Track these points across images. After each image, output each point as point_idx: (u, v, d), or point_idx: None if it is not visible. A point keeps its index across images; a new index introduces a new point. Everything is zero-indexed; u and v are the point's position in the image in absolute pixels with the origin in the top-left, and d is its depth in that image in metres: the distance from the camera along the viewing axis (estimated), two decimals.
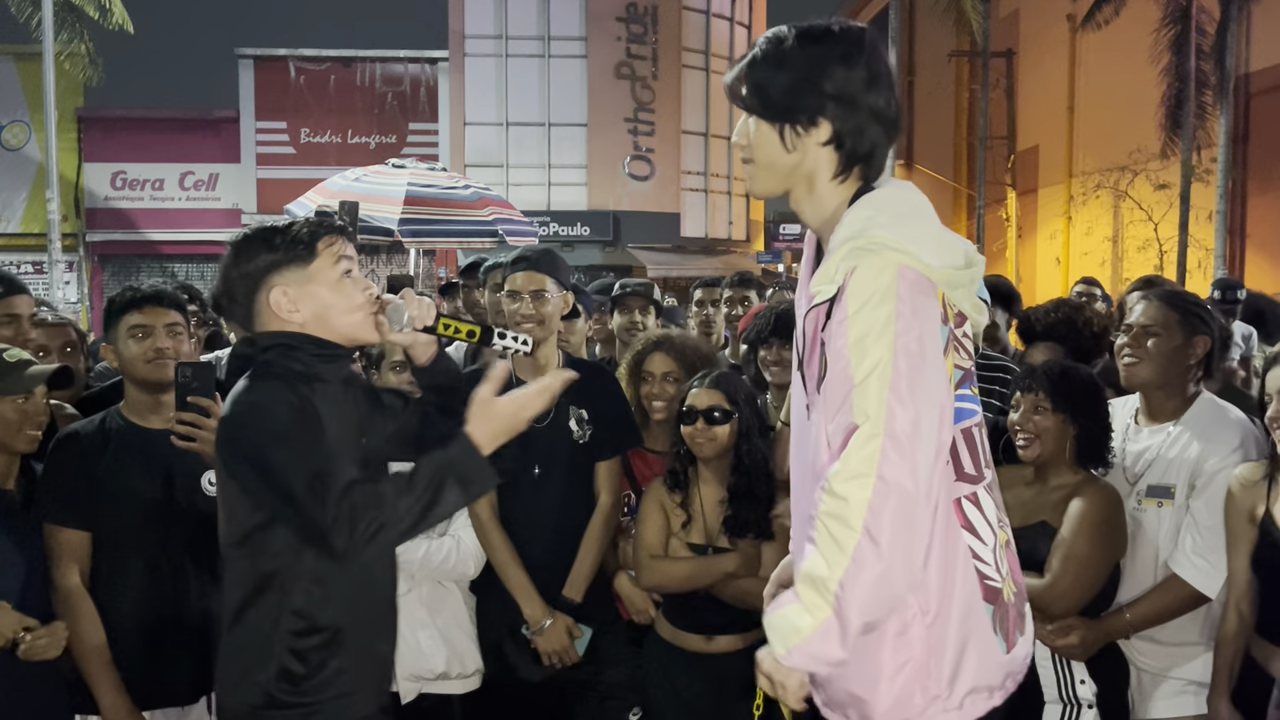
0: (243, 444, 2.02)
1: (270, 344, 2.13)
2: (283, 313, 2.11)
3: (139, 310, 2.79)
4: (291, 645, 2.08)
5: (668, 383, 3.43)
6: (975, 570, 1.85)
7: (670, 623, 3.16)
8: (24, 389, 2.62)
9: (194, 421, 2.54)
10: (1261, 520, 2.60)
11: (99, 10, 19.21)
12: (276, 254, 2.11)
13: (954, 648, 1.84)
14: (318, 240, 2.13)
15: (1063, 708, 2.80)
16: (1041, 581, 2.72)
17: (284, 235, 2.13)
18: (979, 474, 1.90)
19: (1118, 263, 21.64)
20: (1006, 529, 1.97)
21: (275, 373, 2.09)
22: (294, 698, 2.08)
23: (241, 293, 2.14)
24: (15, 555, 2.62)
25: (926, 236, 1.84)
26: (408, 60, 23.89)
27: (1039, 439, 2.83)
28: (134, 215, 23.21)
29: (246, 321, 2.17)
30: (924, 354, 1.76)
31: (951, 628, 1.84)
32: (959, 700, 1.84)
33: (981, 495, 1.89)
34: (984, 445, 1.95)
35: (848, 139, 1.87)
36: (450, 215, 7.87)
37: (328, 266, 2.13)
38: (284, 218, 2.39)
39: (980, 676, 1.85)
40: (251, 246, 2.14)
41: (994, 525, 1.90)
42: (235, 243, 2.17)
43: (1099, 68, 21.39)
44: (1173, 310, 2.90)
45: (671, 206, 24.27)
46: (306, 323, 2.12)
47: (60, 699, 2.67)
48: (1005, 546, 1.93)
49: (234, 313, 2.19)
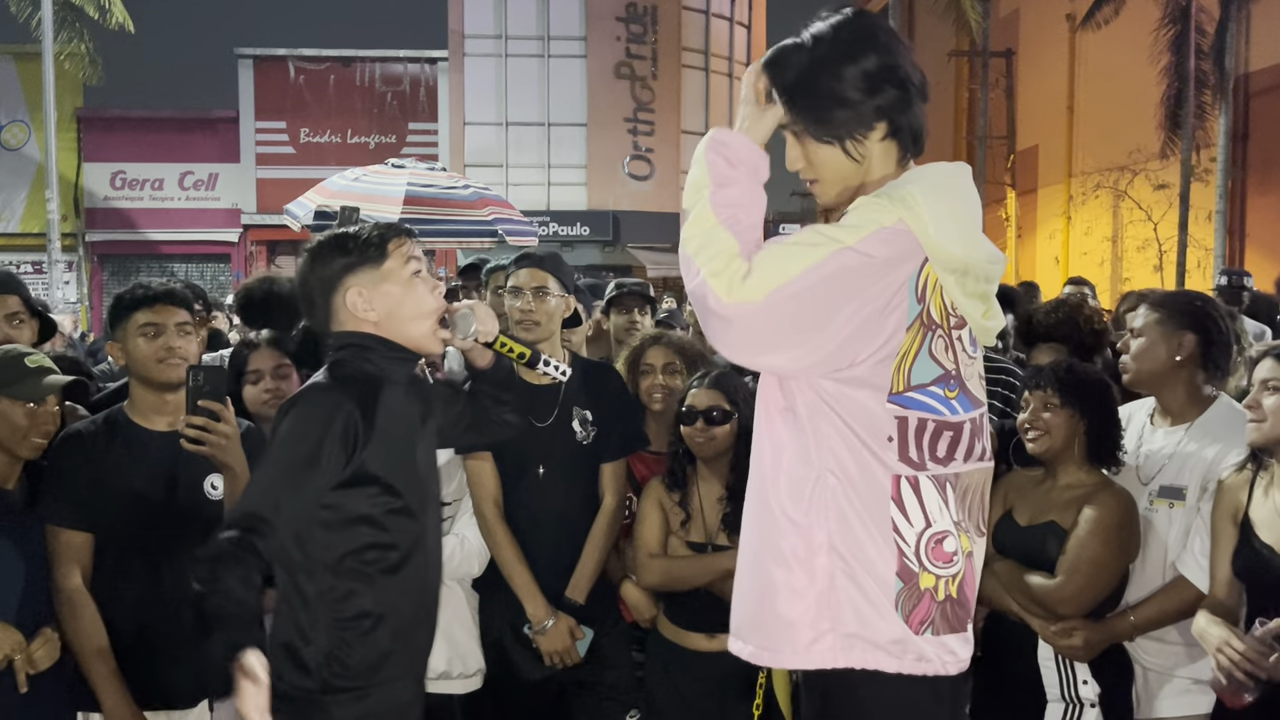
0: (277, 432, 2.17)
1: (345, 343, 2.27)
2: (359, 312, 2.25)
3: (150, 308, 2.76)
4: (341, 630, 2.18)
5: (668, 374, 3.43)
6: (895, 543, 1.89)
7: (671, 621, 3.16)
8: (38, 396, 2.61)
9: (204, 425, 2.54)
10: (1241, 520, 2.61)
11: (99, 10, 19.21)
12: (350, 257, 2.26)
13: (849, 594, 1.89)
14: (388, 242, 2.27)
15: (1065, 707, 2.80)
16: (1051, 582, 2.72)
17: (356, 239, 2.28)
18: (922, 464, 1.92)
19: (1117, 263, 21.65)
20: (955, 535, 1.94)
21: (348, 374, 2.23)
22: (345, 681, 2.18)
23: (319, 296, 2.29)
24: (16, 556, 2.62)
25: (954, 215, 1.88)
26: (407, 60, 23.89)
27: (1047, 434, 2.83)
28: (133, 215, 23.21)
29: (325, 323, 2.31)
30: (842, 285, 1.82)
31: (854, 573, 1.89)
32: (846, 641, 1.89)
33: (924, 483, 1.91)
34: (952, 445, 1.95)
35: (901, 123, 1.94)
36: (450, 215, 7.85)
37: (399, 266, 2.27)
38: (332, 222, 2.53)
39: (867, 631, 1.89)
40: (326, 252, 2.29)
41: (929, 515, 1.92)
42: (311, 249, 2.32)
43: (1099, 67, 21.40)
44: (1156, 310, 2.92)
45: (671, 206, 24.26)
46: (380, 322, 2.26)
47: (62, 696, 2.67)
48: (937, 545, 1.93)
49: (313, 315, 2.34)
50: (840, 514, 1.89)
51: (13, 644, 2.52)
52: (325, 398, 2.18)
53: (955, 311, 1.92)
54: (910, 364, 1.90)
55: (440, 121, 23.71)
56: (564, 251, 6.15)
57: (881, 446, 1.89)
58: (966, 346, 1.96)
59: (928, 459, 1.92)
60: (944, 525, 1.93)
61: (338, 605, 2.19)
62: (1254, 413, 2.55)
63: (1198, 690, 2.78)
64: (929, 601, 1.92)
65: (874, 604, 1.89)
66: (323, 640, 2.18)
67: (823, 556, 1.90)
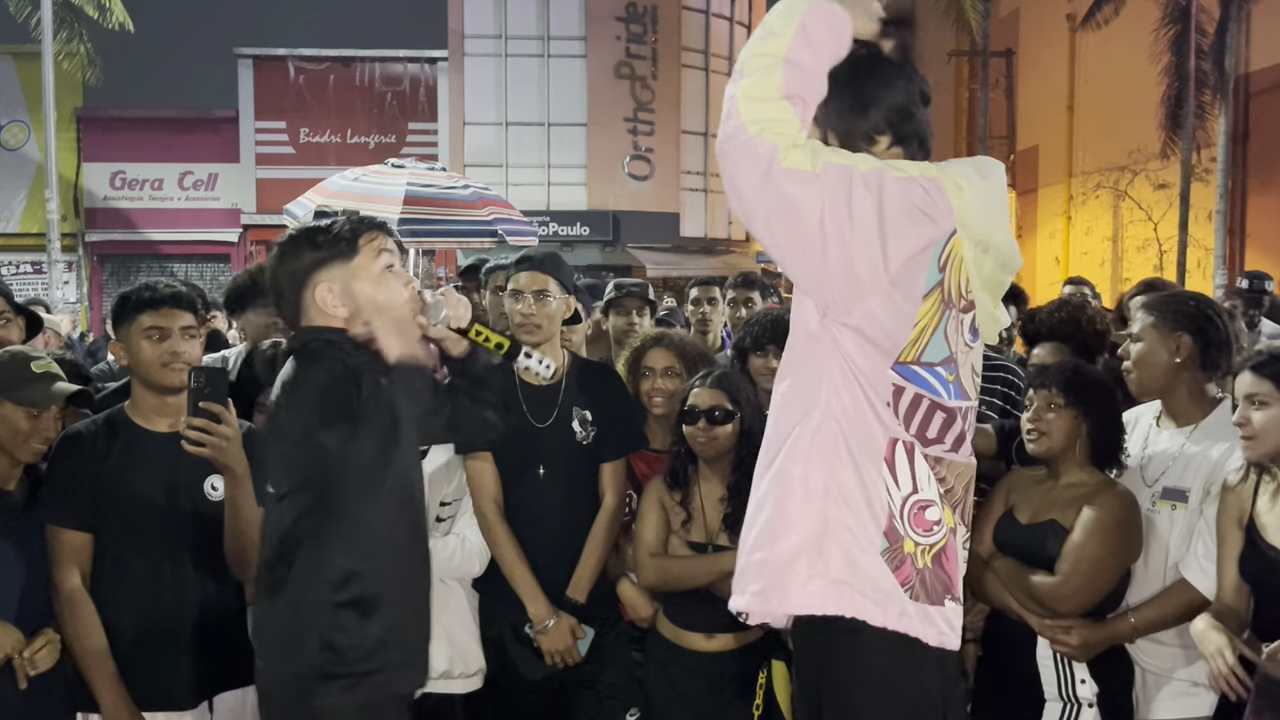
0: (298, 408, 2.10)
1: (310, 339, 2.21)
2: (328, 308, 2.19)
3: (156, 311, 2.74)
4: (333, 617, 2.14)
5: (668, 377, 3.42)
6: (885, 501, 1.93)
7: (671, 621, 3.16)
8: (45, 404, 2.61)
9: (205, 427, 2.54)
10: (1247, 524, 2.60)
11: (98, 10, 19.19)
12: (320, 251, 2.20)
13: (843, 539, 1.93)
14: (359, 236, 2.22)
15: (1063, 706, 2.80)
16: (1051, 580, 2.72)
17: (326, 233, 2.22)
18: (919, 438, 1.96)
19: (1117, 262, 21.65)
20: (939, 506, 1.99)
21: (321, 353, 2.16)
22: (340, 668, 2.14)
23: (288, 290, 2.23)
24: (16, 557, 2.61)
25: (979, 190, 1.94)
26: (407, 60, 23.87)
27: (1049, 435, 2.82)
28: (133, 215, 23.19)
29: (294, 318, 2.25)
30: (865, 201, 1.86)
31: (847, 521, 1.93)
32: (836, 587, 1.93)
33: (917, 455, 1.96)
34: (944, 428, 1.98)
35: (905, 131, 2.01)
36: (450, 215, 7.84)
37: (369, 261, 2.21)
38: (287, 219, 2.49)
39: (856, 579, 1.93)
40: (296, 245, 2.23)
41: (917, 483, 1.96)
42: (281, 243, 2.26)
43: (1099, 67, 21.39)
44: (1151, 313, 2.90)
45: (671, 206, 24.26)
46: (350, 318, 2.19)
47: (61, 698, 2.67)
48: (920, 512, 1.96)
49: (282, 309, 2.28)
50: (839, 460, 1.93)
51: (13, 643, 2.52)
52: (314, 369, 2.11)
53: (967, 294, 1.94)
54: (928, 338, 1.94)
55: (440, 121, 23.69)
56: (564, 251, 6.13)
57: (883, 408, 1.94)
58: (966, 334, 2.00)
59: (916, 434, 1.96)
60: (930, 495, 1.97)
61: (326, 588, 2.16)
62: (1244, 429, 2.54)
63: (1197, 692, 2.78)
64: (909, 566, 1.95)
65: (864, 551, 1.93)
66: (317, 626, 2.15)
67: (817, 500, 1.94)
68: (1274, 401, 2.49)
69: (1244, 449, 2.57)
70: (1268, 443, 2.51)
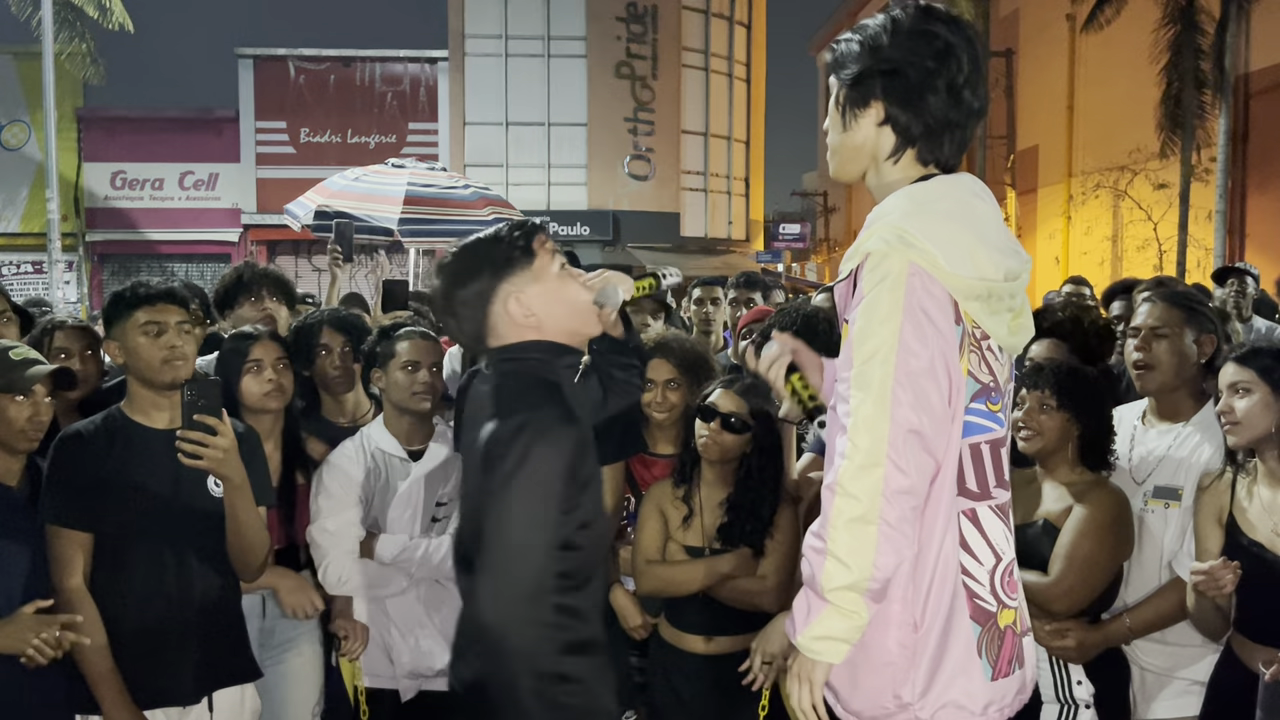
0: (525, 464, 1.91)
1: (512, 356, 2.08)
2: (519, 320, 2.07)
3: (151, 306, 2.75)
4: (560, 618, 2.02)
5: (669, 389, 3.39)
6: (965, 587, 1.83)
7: (671, 624, 3.15)
8: (24, 388, 2.61)
9: (200, 440, 2.54)
10: (1226, 521, 2.61)
11: (99, 10, 19.18)
12: (499, 263, 2.08)
13: (931, 659, 1.82)
14: (532, 239, 2.11)
15: (1059, 708, 2.80)
16: (1044, 579, 2.72)
17: (498, 242, 2.10)
18: (983, 492, 1.87)
19: (1117, 262, 21.64)
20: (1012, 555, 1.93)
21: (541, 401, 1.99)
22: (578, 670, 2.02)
23: (470, 310, 2.09)
24: (20, 553, 2.62)
25: (956, 241, 1.80)
26: (407, 60, 23.87)
27: (1040, 435, 2.83)
28: (134, 215, 23.19)
29: (477, 340, 2.13)
30: (923, 354, 1.76)
31: (932, 638, 1.82)
32: (930, 713, 1.83)
33: (983, 514, 1.86)
34: (998, 464, 1.91)
35: (902, 118, 1.87)
36: (450, 215, 7.83)
37: (548, 262, 2.10)
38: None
39: (956, 695, 1.83)
40: (471, 262, 2.10)
41: (996, 547, 1.86)
42: (448, 266, 2.12)
43: (1099, 68, 21.38)
44: (1178, 309, 2.90)
45: (671, 206, 24.26)
46: (542, 324, 2.08)
47: (59, 698, 2.66)
48: (1009, 574, 1.90)
49: (460, 334, 2.15)
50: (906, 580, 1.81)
51: (40, 630, 2.47)
52: (553, 433, 1.94)
53: (980, 326, 1.88)
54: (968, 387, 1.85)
55: (440, 121, 23.69)
56: None
57: (938, 488, 1.82)
58: (996, 352, 1.91)
59: (992, 486, 1.88)
60: (1011, 553, 1.90)
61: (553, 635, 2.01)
62: (1227, 416, 2.59)
63: (1196, 691, 2.78)
64: (1012, 638, 1.88)
65: (962, 662, 1.83)
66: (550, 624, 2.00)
67: (897, 631, 1.83)
68: (1256, 389, 2.56)
69: (1228, 435, 2.62)
70: (1251, 429, 2.56)
